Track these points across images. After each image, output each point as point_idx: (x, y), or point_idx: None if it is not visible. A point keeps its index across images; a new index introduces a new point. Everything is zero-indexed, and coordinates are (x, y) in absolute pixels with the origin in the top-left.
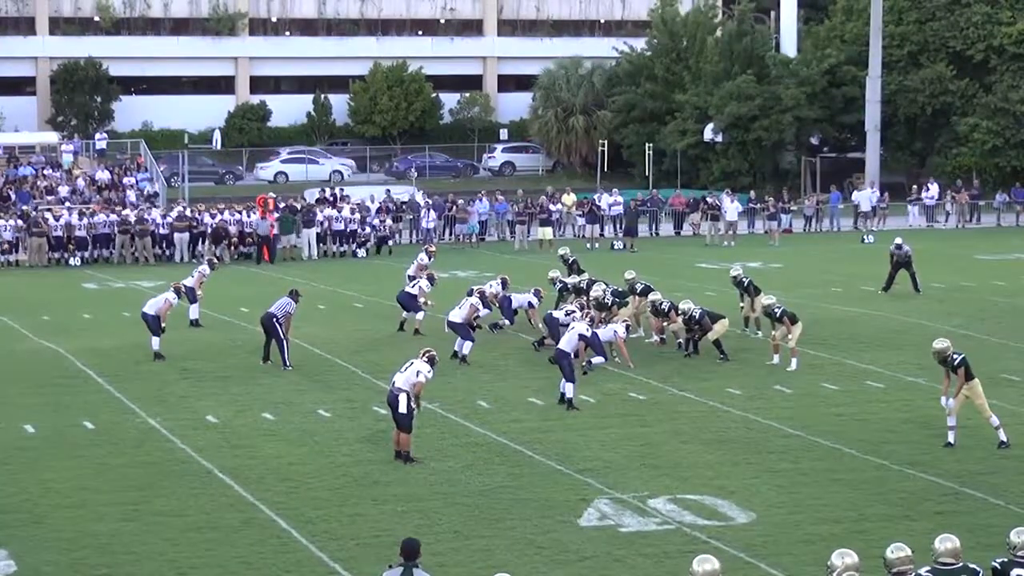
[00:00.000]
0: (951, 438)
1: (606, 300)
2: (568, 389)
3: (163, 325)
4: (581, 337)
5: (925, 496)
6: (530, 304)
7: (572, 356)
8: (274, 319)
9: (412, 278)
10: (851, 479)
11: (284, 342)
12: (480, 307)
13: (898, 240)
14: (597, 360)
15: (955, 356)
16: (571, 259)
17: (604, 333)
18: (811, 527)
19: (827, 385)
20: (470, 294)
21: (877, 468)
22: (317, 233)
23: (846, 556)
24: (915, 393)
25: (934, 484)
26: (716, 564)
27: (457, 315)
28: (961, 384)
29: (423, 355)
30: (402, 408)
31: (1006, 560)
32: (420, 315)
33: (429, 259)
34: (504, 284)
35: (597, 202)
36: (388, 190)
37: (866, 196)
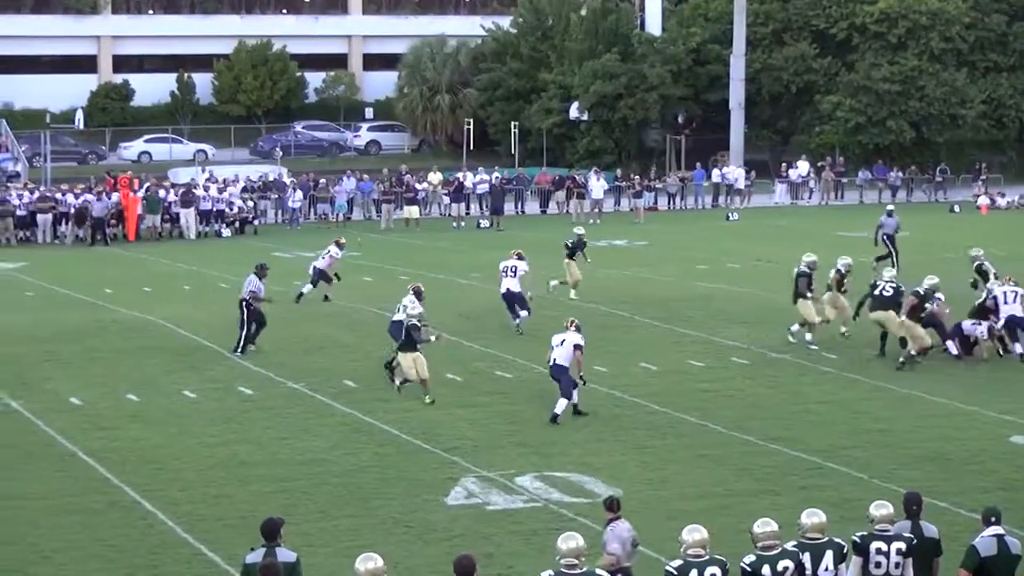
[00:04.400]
0: None
1: None
2: (560, 406)
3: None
4: (576, 347)
5: (790, 471)
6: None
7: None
8: (243, 301)
9: (320, 271)
10: (717, 455)
11: (245, 329)
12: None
13: (890, 207)
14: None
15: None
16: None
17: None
18: (678, 503)
19: (693, 362)
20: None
21: (743, 444)
22: (176, 213)
23: (695, 532)
24: (780, 369)
25: (799, 459)
26: (581, 541)
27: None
28: None
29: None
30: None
31: (866, 534)
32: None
33: (340, 250)
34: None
35: (463, 180)
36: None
37: (740, 173)
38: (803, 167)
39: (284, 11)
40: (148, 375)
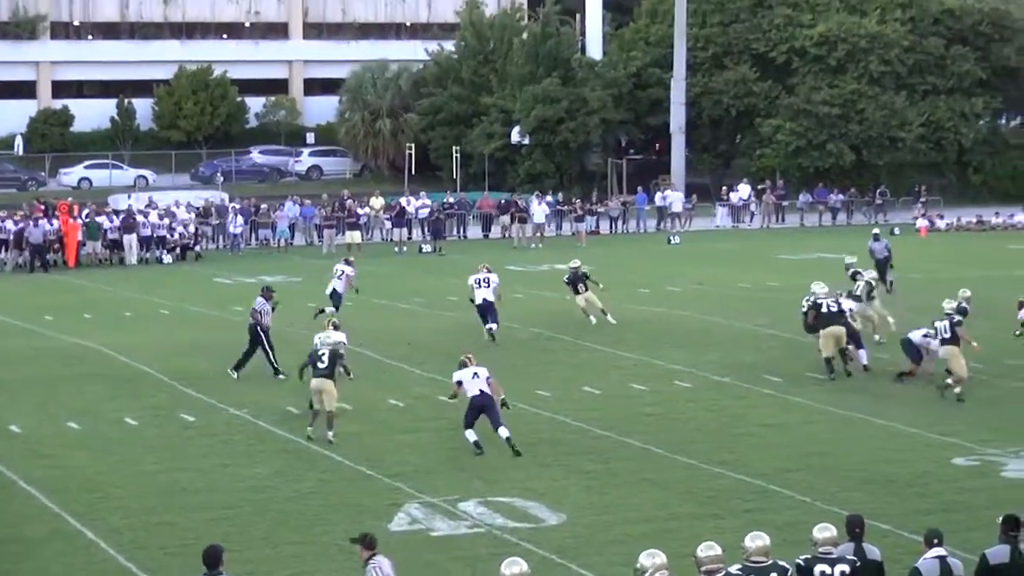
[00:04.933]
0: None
1: None
2: (504, 432)
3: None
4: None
5: (734, 494)
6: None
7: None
8: (256, 327)
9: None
10: (660, 479)
11: (270, 350)
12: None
13: (876, 231)
14: None
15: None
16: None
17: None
18: (621, 527)
19: (636, 385)
20: None
21: (686, 467)
22: (115, 240)
23: (655, 556)
24: (722, 392)
25: (742, 482)
26: (525, 566)
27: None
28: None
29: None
30: None
31: (809, 557)
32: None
33: (352, 267)
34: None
35: (405, 206)
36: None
37: (678, 197)
38: (744, 190)
39: (224, 36)
40: (89, 402)
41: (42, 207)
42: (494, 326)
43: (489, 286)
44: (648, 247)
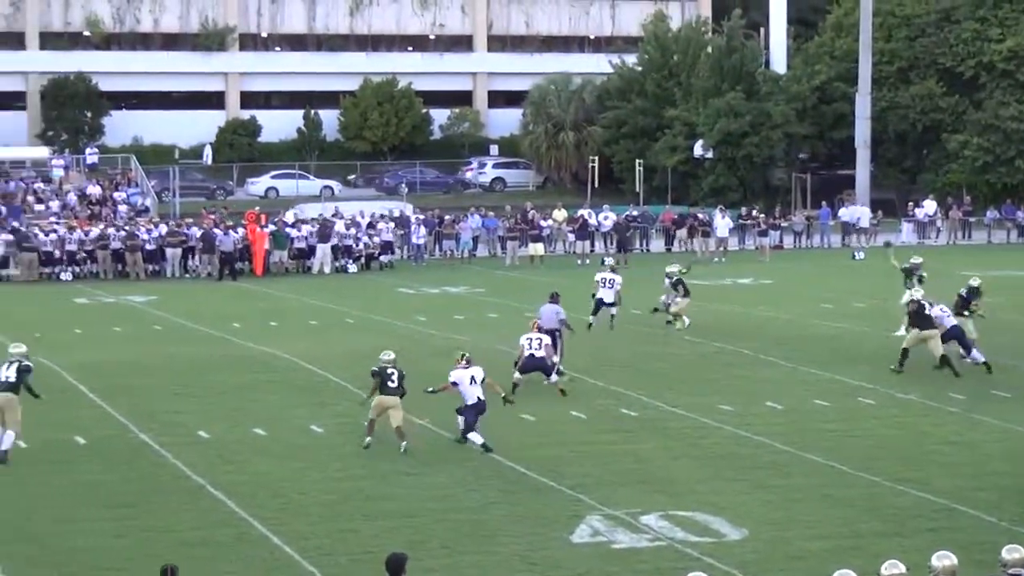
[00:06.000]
0: None
1: None
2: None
3: None
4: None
5: (917, 512)
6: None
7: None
8: (555, 332)
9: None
10: (842, 495)
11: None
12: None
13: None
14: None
15: None
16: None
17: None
18: (803, 543)
19: (818, 401)
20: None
21: (869, 485)
22: (301, 249)
23: (945, 558)
24: (906, 409)
25: (926, 500)
26: None
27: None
28: None
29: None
30: None
31: None
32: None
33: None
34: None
35: (587, 218)
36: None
37: (864, 212)
38: (930, 206)
39: (410, 48)
40: (275, 409)
41: (211, 215)
42: (613, 310)
43: (612, 287)
44: (832, 262)
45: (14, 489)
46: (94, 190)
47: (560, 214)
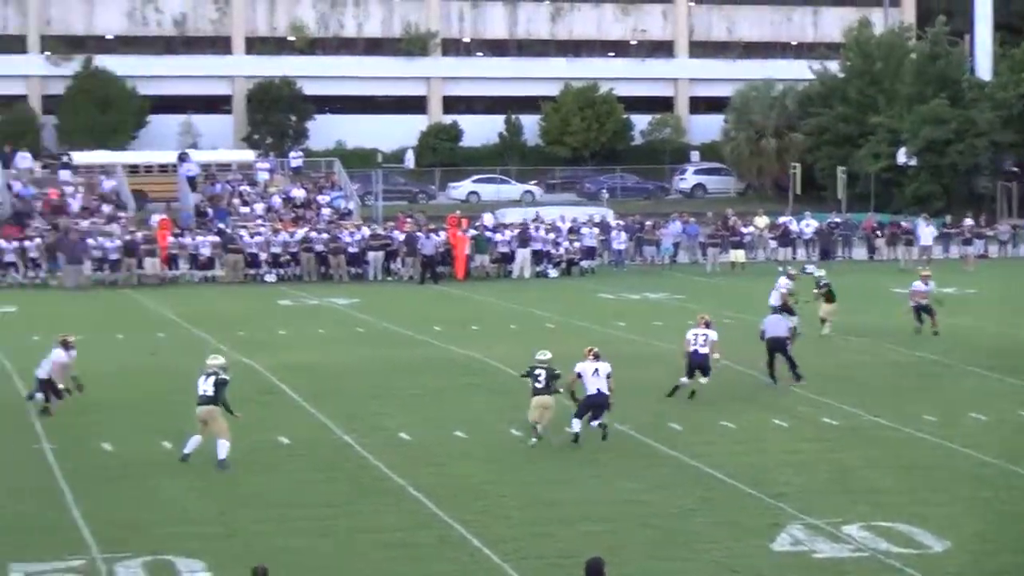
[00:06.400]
0: None
1: None
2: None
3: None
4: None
5: None
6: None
7: None
8: (786, 340)
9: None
10: None
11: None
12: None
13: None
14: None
15: None
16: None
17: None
18: (1008, 557)
19: None
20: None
21: None
22: (504, 253)
23: None
24: None
25: None
26: None
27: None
28: None
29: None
30: None
31: None
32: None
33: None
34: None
35: (789, 225)
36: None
37: None
38: None
39: (611, 54)
40: (475, 412)
41: (408, 219)
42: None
43: (780, 288)
44: None
45: (221, 488)
46: (298, 193)
47: (761, 220)
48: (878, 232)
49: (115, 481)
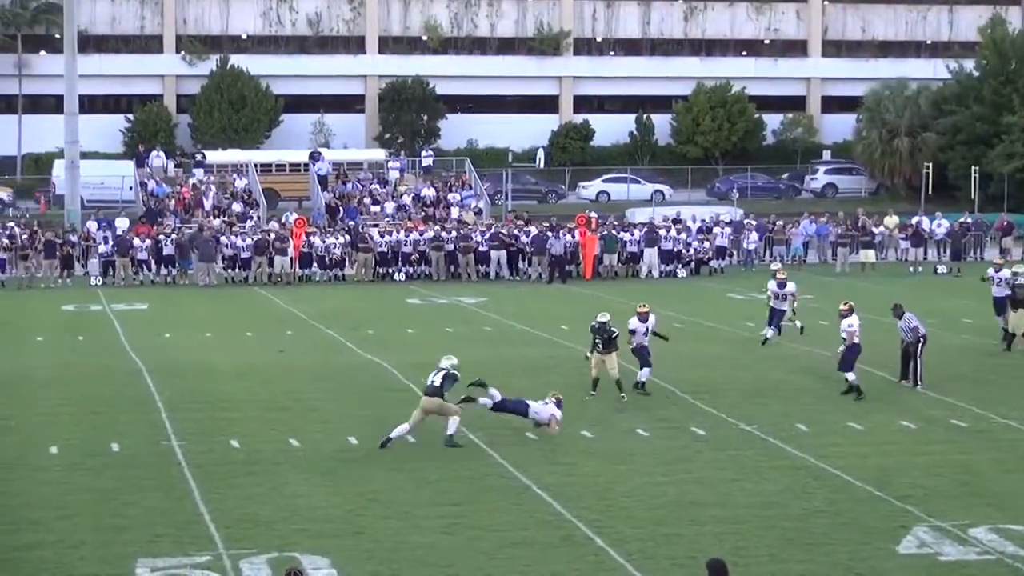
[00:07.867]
0: None
1: None
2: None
3: None
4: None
5: None
6: None
7: None
8: (922, 339)
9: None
10: None
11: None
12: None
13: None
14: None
15: None
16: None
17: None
18: None
19: None
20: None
21: None
22: (633, 253)
23: None
24: None
25: None
26: None
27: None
28: None
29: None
30: None
31: None
32: None
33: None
34: None
35: (920, 225)
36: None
37: None
38: None
39: (744, 53)
40: (599, 412)
41: (516, 219)
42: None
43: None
44: None
45: (346, 484)
46: (428, 192)
47: (892, 220)
48: (1004, 232)
49: (242, 477)
